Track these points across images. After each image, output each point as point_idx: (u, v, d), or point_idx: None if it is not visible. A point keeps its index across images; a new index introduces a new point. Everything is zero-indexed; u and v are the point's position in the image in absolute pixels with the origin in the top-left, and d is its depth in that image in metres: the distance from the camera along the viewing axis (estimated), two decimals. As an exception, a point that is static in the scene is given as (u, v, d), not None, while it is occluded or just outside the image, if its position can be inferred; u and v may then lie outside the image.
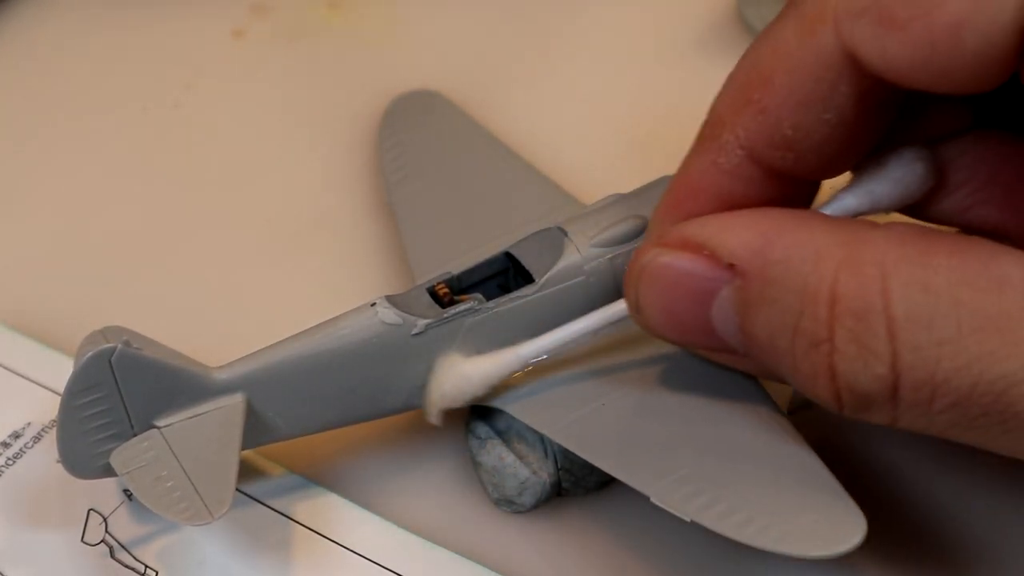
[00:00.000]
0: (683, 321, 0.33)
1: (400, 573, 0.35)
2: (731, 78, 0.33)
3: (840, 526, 0.31)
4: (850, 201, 0.34)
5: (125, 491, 0.37)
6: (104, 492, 0.37)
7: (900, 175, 0.34)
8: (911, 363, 0.29)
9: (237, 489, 0.35)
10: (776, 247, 0.31)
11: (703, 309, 0.32)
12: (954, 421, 0.30)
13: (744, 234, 0.32)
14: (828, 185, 0.35)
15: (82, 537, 0.36)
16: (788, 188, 0.33)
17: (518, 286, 0.37)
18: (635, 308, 0.34)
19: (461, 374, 0.35)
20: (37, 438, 0.39)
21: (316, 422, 0.36)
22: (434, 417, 0.36)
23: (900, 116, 0.33)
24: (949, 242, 0.30)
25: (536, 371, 0.36)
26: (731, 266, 0.32)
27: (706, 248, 0.32)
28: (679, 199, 0.34)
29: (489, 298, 0.36)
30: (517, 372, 0.36)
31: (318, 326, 0.35)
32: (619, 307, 0.35)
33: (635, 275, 0.33)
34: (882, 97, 0.32)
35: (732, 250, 0.32)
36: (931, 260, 0.29)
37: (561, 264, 0.36)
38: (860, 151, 0.33)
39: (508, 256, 0.37)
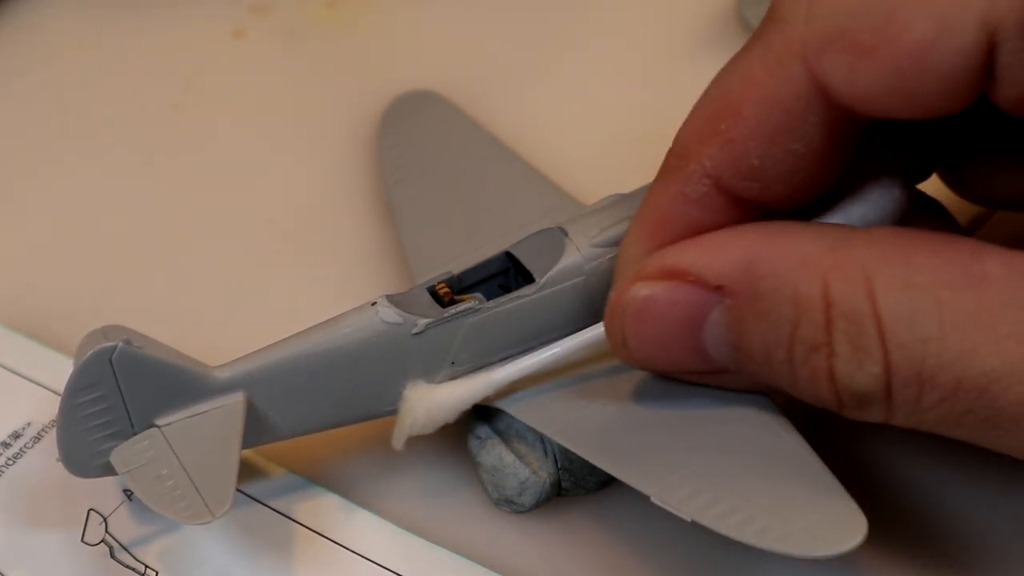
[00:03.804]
0: (674, 350, 0.33)
1: (400, 573, 0.35)
2: (697, 108, 0.33)
3: (841, 526, 0.31)
4: (826, 220, 0.34)
5: (125, 491, 0.37)
6: (104, 492, 0.37)
7: (876, 197, 0.34)
8: (898, 361, 0.30)
9: (237, 489, 0.35)
10: (762, 261, 0.31)
11: (694, 335, 0.32)
12: (942, 417, 0.30)
13: (728, 253, 0.32)
14: None
15: (82, 537, 0.36)
16: (755, 216, 0.33)
17: (518, 286, 0.37)
18: (621, 345, 0.34)
19: (433, 402, 0.35)
20: (37, 438, 0.39)
21: (316, 421, 0.36)
22: (400, 443, 0.36)
23: (866, 152, 0.33)
24: (931, 242, 0.30)
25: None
26: (719, 287, 0.32)
27: (691, 274, 0.32)
28: (648, 230, 0.34)
29: (490, 298, 0.36)
30: (490, 398, 0.36)
31: (318, 325, 0.35)
32: (595, 332, 0.35)
33: (619, 313, 0.33)
34: (849, 127, 0.32)
35: (718, 271, 0.32)
36: (913, 259, 0.30)
37: (561, 264, 0.36)
38: (826, 182, 0.33)
39: (508, 256, 0.37)
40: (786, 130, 0.31)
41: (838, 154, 0.32)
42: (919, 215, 0.35)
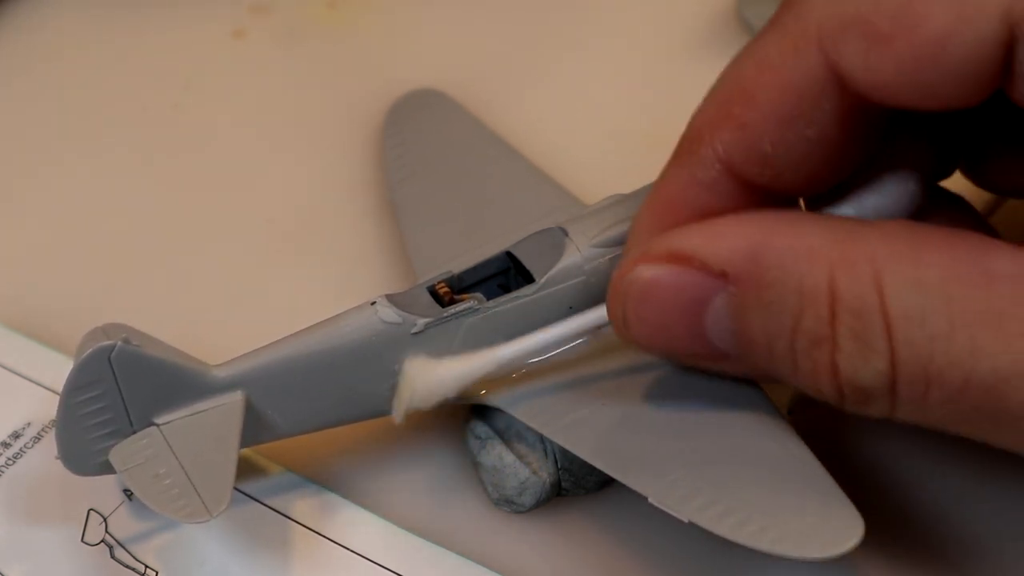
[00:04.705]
0: (675, 333, 0.33)
1: (400, 573, 0.35)
2: (711, 93, 0.33)
3: (837, 528, 0.31)
4: (838, 210, 0.34)
5: (125, 491, 0.37)
6: (104, 492, 0.37)
7: (891, 189, 0.34)
8: (906, 358, 0.29)
9: (237, 488, 0.35)
10: (769, 251, 0.31)
11: (696, 319, 0.32)
12: (948, 415, 0.30)
13: (733, 240, 0.32)
14: None
15: (82, 537, 0.36)
16: (766, 203, 0.33)
17: (519, 286, 0.37)
18: (623, 324, 0.33)
19: (434, 376, 0.35)
20: (37, 438, 0.39)
21: (315, 420, 0.36)
22: (400, 416, 0.35)
23: (886, 148, 0.33)
24: (941, 238, 0.30)
25: (535, 371, 0.36)
26: (723, 273, 0.32)
27: (695, 258, 0.32)
28: (658, 213, 0.34)
29: (490, 297, 0.36)
30: (491, 374, 0.35)
31: (318, 324, 0.35)
32: (600, 313, 0.35)
33: (621, 292, 0.33)
34: (864, 117, 0.32)
35: (723, 258, 0.31)
36: (923, 256, 0.30)
37: (561, 264, 0.36)
38: (839, 173, 0.33)
39: (509, 256, 0.37)
40: (799, 116, 0.31)
41: (853, 144, 0.32)
42: (939, 210, 0.35)
